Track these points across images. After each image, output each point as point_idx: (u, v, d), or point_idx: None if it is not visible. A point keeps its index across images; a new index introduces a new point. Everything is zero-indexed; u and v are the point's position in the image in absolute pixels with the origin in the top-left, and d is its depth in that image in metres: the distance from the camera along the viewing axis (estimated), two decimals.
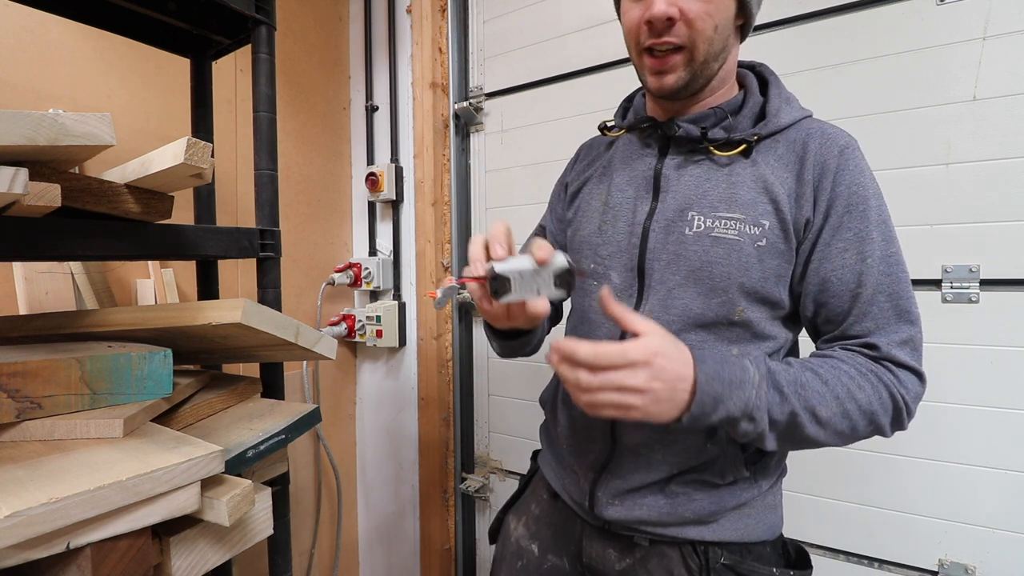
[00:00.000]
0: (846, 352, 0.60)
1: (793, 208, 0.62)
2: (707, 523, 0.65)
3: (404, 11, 1.69)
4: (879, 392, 0.56)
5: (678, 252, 0.65)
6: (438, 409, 1.66)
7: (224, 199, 1.41)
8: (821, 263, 0.61)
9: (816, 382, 0.55)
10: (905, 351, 0.58)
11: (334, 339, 0.87)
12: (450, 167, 1.65)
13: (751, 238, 0.62)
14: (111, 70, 1.21)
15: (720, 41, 0.63)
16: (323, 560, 1.76)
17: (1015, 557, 0.99)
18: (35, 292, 1.04)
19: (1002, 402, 0.99)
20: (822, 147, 0.62)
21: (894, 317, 0.59)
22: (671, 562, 0.66)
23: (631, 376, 0.49)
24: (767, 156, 0.64)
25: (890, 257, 0.60)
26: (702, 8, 0.59)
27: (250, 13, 0.89)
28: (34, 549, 0.47)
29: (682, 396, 0.52)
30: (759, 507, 0.67)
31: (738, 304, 0.62)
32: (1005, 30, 0.97)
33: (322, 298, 1.71)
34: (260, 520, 0.69)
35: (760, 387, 0.54)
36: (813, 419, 0.55)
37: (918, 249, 1.05)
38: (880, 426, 0.58)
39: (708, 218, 0.63)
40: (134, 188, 0.68)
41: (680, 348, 0.53)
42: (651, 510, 0.66)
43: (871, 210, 0.61)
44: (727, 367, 0.54)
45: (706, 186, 0.65)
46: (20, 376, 0.58)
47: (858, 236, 0.60)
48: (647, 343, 0.50)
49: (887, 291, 0.59)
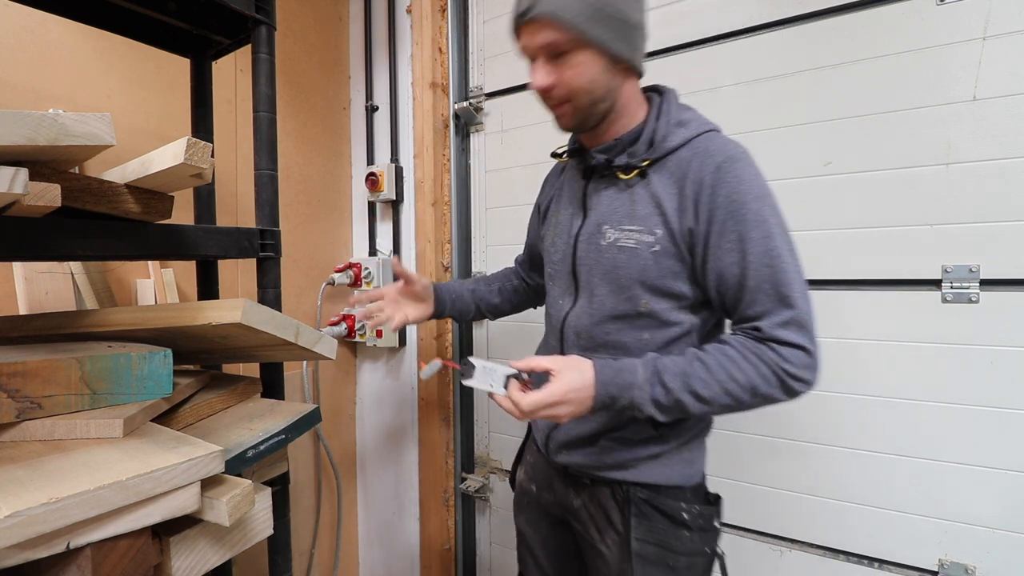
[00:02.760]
0: (738, 337, 0.74)
1: (678, 219, 0.75)
2: (626, 468, 0.83)
3: (404, 11, 1.69)
4: (759, 369, 0.70)
5: (596, 259, 0.82)
6: (438, 409, 1.66)
7: (224, 199, 1.41)
8: (714, 263, 0.74)
9: (702, 370, 0.71)
10: (788, 331, 0.70)
11: (334, 339, 0.87)
12: (450, 167, 1.65)
13: (647, 245, 0.77)
14: (111, 70, 1.21)
15: (600, 87, 0.76)
16: (323, 560, 1.76)
17: (1015, 557, 0.99)
18: (35, 292, 1.04)
19: (1002, 402, 0.99)
20: (700, 166, 0.74)
21: (776, 303, 0.71)
22: (605, 496, 0.85)
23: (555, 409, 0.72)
24: (660, 175, 0.78)
25: (770, 251, 0.71)
26: (570, 73, 0.74)
27: (250, 13, 0.89)
28: (34, 549, 0.47)
29: (589, 403, 0.73)
30: (673, 459, 0.83)
31: (642, 298, 0.78)
32: (1005, 30, 0.97)
33: (322, 298, 1.71)
34: (260, 520, 0.69)
35: (644, 387, 0.71)
36: (696, 399, 0.71)
37: (918, 249, 1.05)
38: (766, 395, 0.71)
39: (616, 230, 0.80)
40: (134, 188, 0.68)
41: (583, 371, 0.73)
42: (585, 456, 0.86)
43: (750, 213, 0.72)
44: (620, 375, 0.72)
45: (615, 204, 0.81)
46: (20, 376, 0.58)
47: (740, 237, 0.72)
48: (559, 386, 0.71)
49: (769, 281, 0.71)
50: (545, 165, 1.58)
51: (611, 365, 0.73)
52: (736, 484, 1.25)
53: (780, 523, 1.21)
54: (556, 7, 0.70)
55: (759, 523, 1.23)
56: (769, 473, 1.21)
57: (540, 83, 0.76)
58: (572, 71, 0.74)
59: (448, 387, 1.67)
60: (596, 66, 0.74)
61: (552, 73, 0.75)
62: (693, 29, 1.27)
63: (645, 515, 0.81)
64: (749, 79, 1.20)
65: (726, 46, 1.23)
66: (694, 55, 1.27)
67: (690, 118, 0.80)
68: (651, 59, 1.32)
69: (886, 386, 1.09)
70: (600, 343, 0.83)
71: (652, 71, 1.32)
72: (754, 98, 1.20)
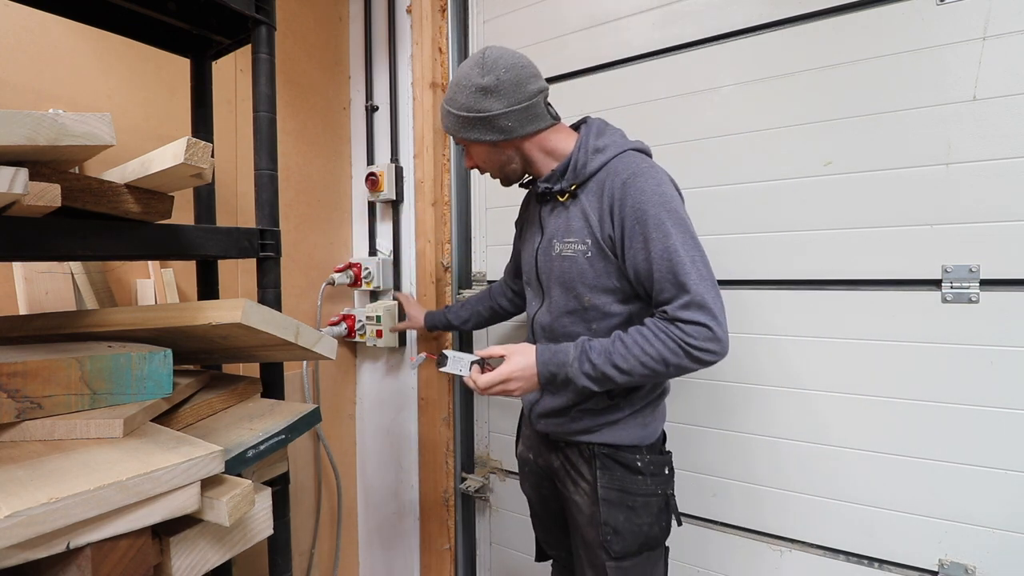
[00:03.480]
0: (653, 320, 0.89)
1: (600, 228, 0.93)
2: (591, 432, 1.00)
3: (404, 11, 1.69)
4: (667, 344, 0.85)
5: (550, 268, 1.01)
6: (438, 409, 1.66)
7: (224, 199, 1.41)
8: (630, 261, 0.91)
9: (621, 347, 0.88)
10: (689, 311, 0.84)
11: (334, 339, 0.87)
12: (450, 167, 1.65)
13: (581, 252, 0.95)
14: (111, 70, 1.21)
15: (494, 163, 1.03)
16: (323, 560, 1.76)
17: (1015, 557, 0.99)
18: (35, 292, 1.04)
19: (1002, 402, 0.99)
20: (612, 182, 0.92)
21: (676, 289, 0.86)
22: (575, 455, 1.03)
23: (506, 385, 0.93)
24: (587, 194, 0.96)
25: (668, 249, 0.86)
26: (474, 158, 1.04)
27: (250, 13, 0.89)
28: (34, 549, 0.47)
29: (534, 380, 0.93)
30: (629, 424, 0.99)
31: (584, 296, 0.97)
32: (1005, 30, 0.97)
33: (322, 298, 1.70)
34: (260, 520, 0.69)
35: (574, 364, 0.89)
36: (617, 370, 0.87)
37: (918, 249, 1.05)
38: (677, 365, 0.86)
39: (560, 243, 0.99)
40: (134, 188, 0.68)
41: (527, 355, 0.93)
42: (558, 425, 1.04)
43: (650, 218, 0.87)
44: (556, 355, 0.91)
45: (558, 222, 1.00)
46: (20, 376, 0.58)
47: (644, 238, 0.88)
48: (507, 367, 0.92)
49: (668, 272, 0.86)
50: None
51: (550, 348, 0.92)
52: (736, 484, 1.25)
53: (780, 523, 1.21)
54: (446, 126, 1.01)
55: (759, 523, 1.23)
56: (769, 473, 1.21)
57: (466, 165, 1.08)
58: (474, 157, 1.04)
59: (448, 387, 1.67)
60: (483, 152, 1.00)
61: (469, 158, 1.05)
62: (693, 29, 1.27)
63: (607, 468, 0.99)
64: (749, 79, 1.20)
65: (726, 46, 1.23)
66: (694, 55, 1.27)
67: (607, 144, 0.96)
68: (651, 59, 1.33)
69: (886, 386, 1.09)
70: (560, 335, 1.01)
71: (652, 71, 1.32)
72: (754, 98, 1.20)
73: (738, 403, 1.24)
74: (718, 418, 1.26)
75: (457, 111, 0.96)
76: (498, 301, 1.39)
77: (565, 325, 1.00)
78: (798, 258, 1.16)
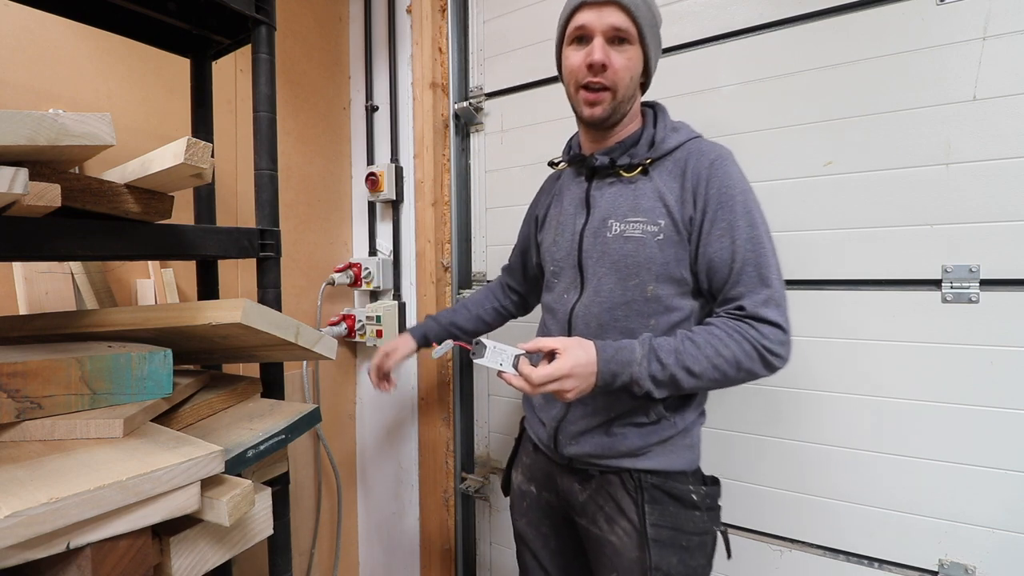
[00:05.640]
0: (722, 319, 0.80)
1: (680, 209, 0.83)
2: (638, 455, 0.87)
3: (404, 11, 1.69)
4: (742, 345, 0.77)
5: (603, 251, 0.88)
6: (438, 409, 1.66)
7: (224, 199, 1.41)
8: (706, 247, 0.82)
9: (692, 348, 0.78)
10: (768, 309, 0.78)
11: (334, 339, 0.87)
12: (450, 167, 1.65)
13: (652, 234, 0.84)
14: (111, 70, 1.21)
15: (632, 88, 0.86)
16: (323, 560, 1.76)
17: (1015, 557, 0.99)
18: (35, 292, 1.04)
19: (1002, 402, 0.99)
20: (697, 162, 0.84)
21: (758, 282, 0.78)
22: (615, 486, 0.89)
23: (563, 383, 0.76)
24: (660, 172, 0.87)
25: (754, 238, 0.79)
26: (623, 63, 0.83)
27: (250, 13, 0.89)
28: (34, 549, 0.47)
29: (592, 379, 0.77)
30: (679, 445, 0.88)
31: (648, 284, 0.85)
32: (1005, 30, 0.97)
33: (322, 298, 1.70)
34: (260, 520, 0.69)
35: (642, 363, 0.77)
36: (688, 374, 0.77)
37: (918, 249, 1.05)
38: (749, 369, 0.78)
39: (621, 223, 0.86)
40: (134, 188, 0.68)
41: (587, 349, 0.78)
42: (597, 446, 0.88)
43: (737, 204, 0.80)
44: (620, 353, 0.78)
45: (619, 200, 0.89)
46: (20, 376, 0.58)
47: (729, 225, 0.80)
48: (566, 360, 0.76)
49: (752, 263, 0.79)
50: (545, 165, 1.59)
51: (611, 344, 0.79)
52: (736, 484, 1.25)
53: (780, 523, 1.21)
54: (632, 1, 0.81)
55: (759, 523, 1.23)
56: (769, 473, 1.21)
57: (601, 57, 0.81)
58: (625, 61, 0.83)
59: (448, 387, 1.67)
60: (638, 65, 0.85)
61: (609, 55, 0.82)
62: (693, 29, 1.27)
63: (657, 500, 0.85)
64: (749, 79, 1.20)
65: (726, 46, 1.23)
66: (694, 55, 1.27)
67: (680, 126, 0.91)
68: None
69: (886, 386, 1.09)
70: (608, 329, 0.87)
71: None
72: (754, 98, 1.20)
73: (737, 403, 1.24)
74: (716, 418, 1.26)
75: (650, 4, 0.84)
76: (501, 302, 1.25)
77: (617, 319, 0.86)
78: (798, 258, 1.16)
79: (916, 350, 1.06)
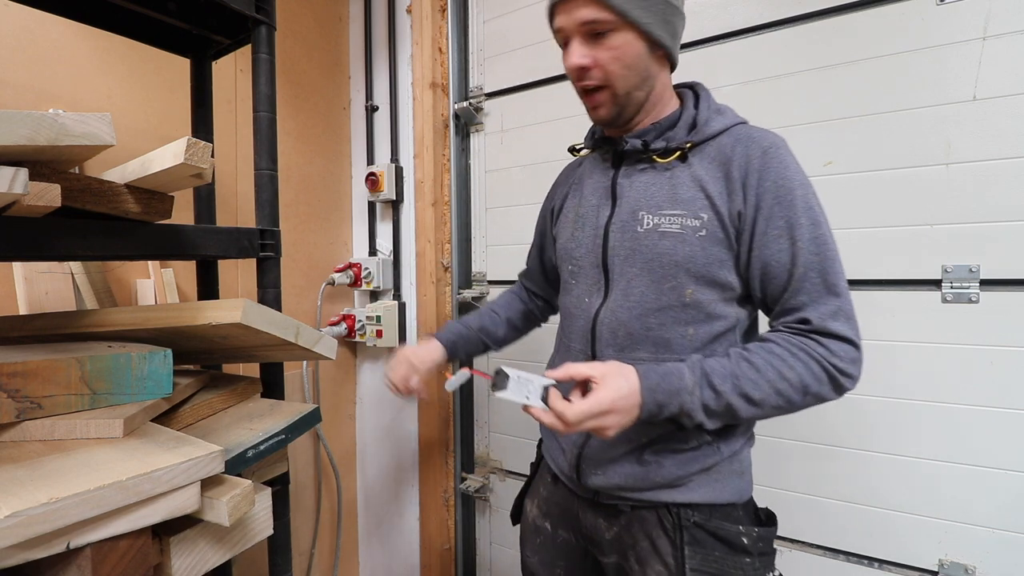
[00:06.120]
0: (782, 334, 0.69)
1: (727, 202, 0.71)
2: (677, 487, 0.74)
3: (404, 11, 1.69)
4: (809, 367, 0.66)
5: (633, 248, 0.75)
6: (438, 409, 1.66)
7: (224, 199, 1.41)
8: (761, 250, 0.70)
9: (750, 371, 0.66)
10: (837, 322, 0.67)
11: (334, 339, 0.87)
12: (450, 167, 1.65)
13: (693, 229, 0.71)
14: (111, 70, 1.21)
15: (636, 75, 0.73)
16: (323, 560, 1.76)
17: (1015, 557, 0.99)
18: (35, 292, 1.04)
19: (1002, 402, 0.99)
20: (747, 149, 0.71)
21: (824, 291, 0.68)
22: (649, 524, 0.76)
23: (603, 420, 0.64)
24: (701, 159, 0.74)
25: (817, 239, 0.68)
26: (609, 54, 0.70)
27: (250, 13, 0.89)
28: (34, 549, 0.47)
29: (635, 412, 0.66)
30: (725, 472, 0.75)
31: (687, 287, 0.72)
32: (1005, 30, 0.97)
33: (322, 298, 1.70)
34: (260, 520, 0.69)
35: (694, 392, 0.66)
36: (747, 402, 0.66)
37: (918, 249, 1.05)
38: (816, 394, 0.67)
39: (655, 216, 0.74)
40: (134, 188, 0.68)
41: (628, 377, 0.66)
42: (627, 477, 0.76)
43: (797, 199, 0.69)
44: (667, 379, 0.66)
45: (652, 190, 0.76)
46: (20, 376, 0.58)
47: (788, 223, 0.68)
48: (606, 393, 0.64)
49: (816, 268, 0.68)
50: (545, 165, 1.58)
51: (655, 370, 0.67)
52: None
53: (780, 523, 1.20)
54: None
55: None
56: (768, 473, 1.21)
57: (576, 61, 0.71)
58: (611, 52, 0.70)
59: None
60: (635, 49, 0.71)
61: (588, 55, 0.71)
62: (693, 29, 1.27)
63: (699, 542, 0.73)
64: (749, 79, 1.20)
65: (726, 46, 1.23)
66: (694, 55, 1.27)
67: (725, 108, 0.79)
68: None
69: (886, 386, 1.09)
70: (640, 340, 0.74)
71: None
72: (754, 98, 1.20)
73: None
74: None
75: None
76: (528, 306, 1.08)
77: (651, 328, 0.74)
78: None
79: (916, 350, 1.06)
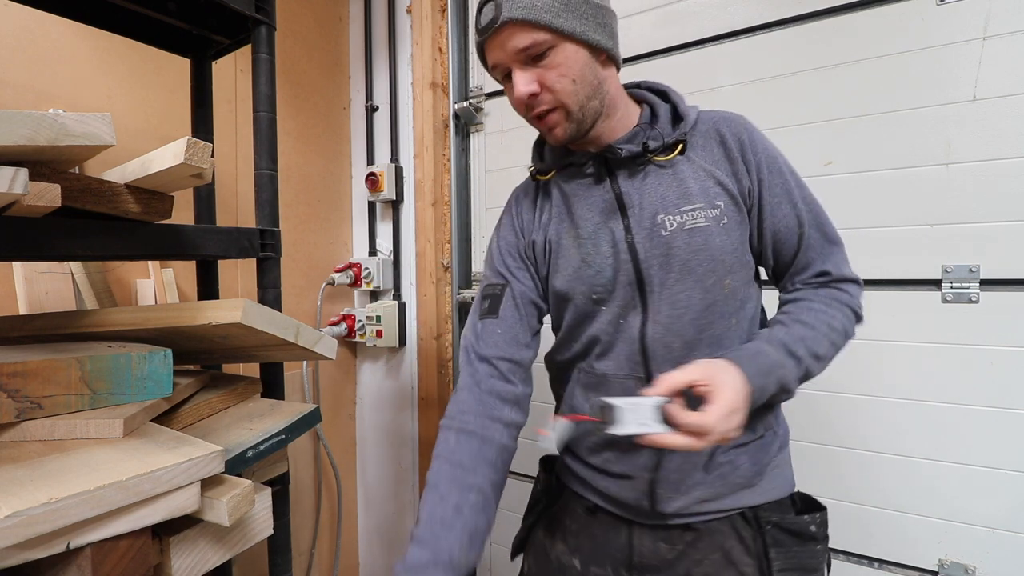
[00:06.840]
0: (809, 290, 0.73)
1: (735, 183, 0.71)
2: (754, 486, 0.72)
3: (404, 11, 1.69)
4: (844, 312, 0.71)
5: (666, 252, 0.71)
6: (438, 409, 1.66)
7: (224, 199, 1.41)
8: (771, 219, 0.72)
9: (807, 331, 0.68)
10: (846, 266, 0.73)
11: (334, 339, 0.87)
12: (450, 167, 1.65)
13: (715, 219, 0.70)
14: (111, 70, 1.21)
15: (587, 85, 0.69)
16: (323, 560, 1.76)
17: (1015, 557, 0.99)
18: (35, 292, 1.04)
19: (1002, 402, 0.99)
20: (731, 127, 0.73)
21: (826, 242, 0.73)
22: (721, 536, 0.72)
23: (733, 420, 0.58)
24: (695, 150, 0.73)
25: (806, 198, 0.73)
26: (554, 73, 0.67)
27: (250, 13, 0.89)
28: (34, 549, 0.47)
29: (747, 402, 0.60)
30: (782, 463, 0.76)
31: (725, 279, 0.71)
32: (1005, 30, 0.97)
33: (322, 298, 1.70)
34: (260, 520, 0.69)
35: (784, 364, 0.65)
36: (816, 360, 0.67)
37: (918, 249, 1.05)
38: (850, 333, 0.71)
39: (676, 216, 0.71)
40: (134, 188, 0.68)
41: (727, 369, 0.61)
42: (707, 488, 0.71)
43: (782, 165, 0.73)
44: (757, 360, 0.64)
45: (661, 190, 0.72)
46: (20, 376, 0.58)
47: (784, 188, 0.72)
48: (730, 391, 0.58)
49: (815, 224, 0.72)
50: None
51: (741, 357, 0.64)
52: None
53: None
54: (523, 8, 0.64)
55: None
56: None
57: (524, 90, 0.67)
58: (556, 71, 0.66)
59: (448, 387, 1.67)
60: (580, 60, 0.67)
61: (533, 80, 0.67)
62: (693, 29, 1.27)
63: (779, 542, 0.70)
64: (749, 79, 1.20)
65: (726, 46, 1.23)
66: (694, 55, 1.27)
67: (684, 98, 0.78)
68: (651, 59, 1.33)
69: (886, 386, 1.09)
70: (695, 345, 0.70)
71: (652, 71, 1.32)
72: (754, 98, 1.20)
73: None
74: None
75: None
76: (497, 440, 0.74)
77: (704, 328, 0.70)
78: None
79: (916, 350, 1.06)
